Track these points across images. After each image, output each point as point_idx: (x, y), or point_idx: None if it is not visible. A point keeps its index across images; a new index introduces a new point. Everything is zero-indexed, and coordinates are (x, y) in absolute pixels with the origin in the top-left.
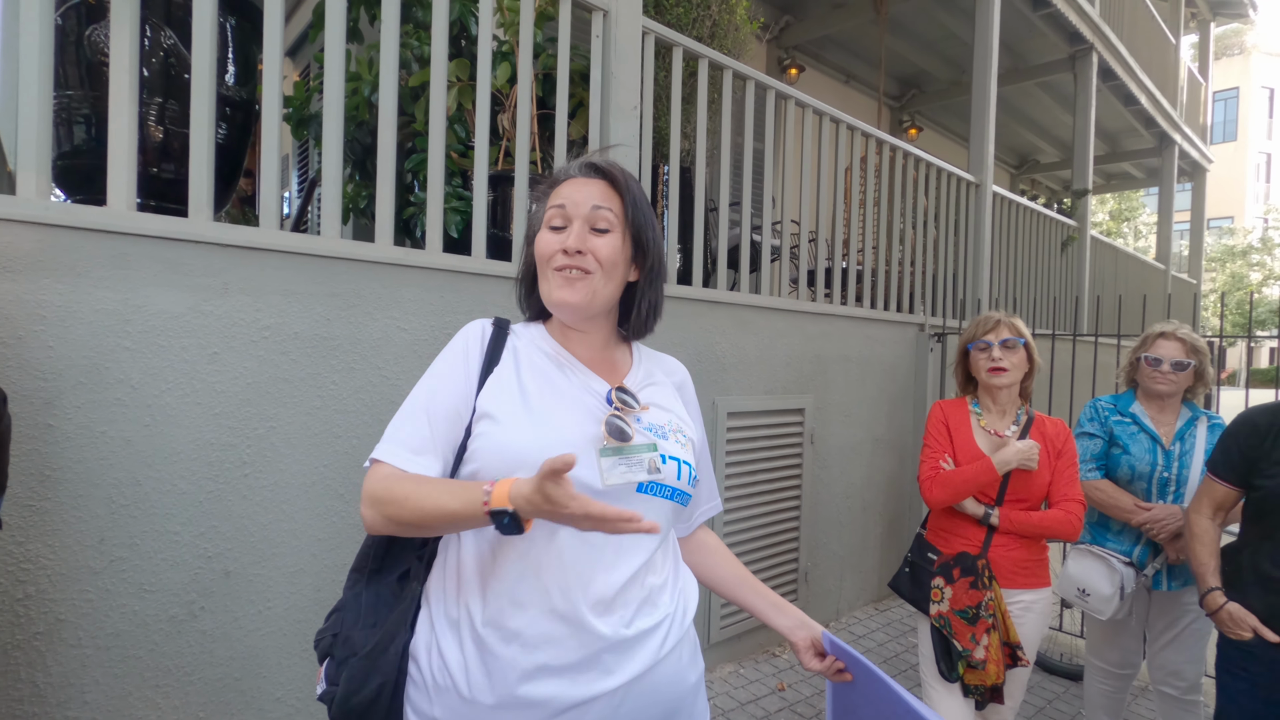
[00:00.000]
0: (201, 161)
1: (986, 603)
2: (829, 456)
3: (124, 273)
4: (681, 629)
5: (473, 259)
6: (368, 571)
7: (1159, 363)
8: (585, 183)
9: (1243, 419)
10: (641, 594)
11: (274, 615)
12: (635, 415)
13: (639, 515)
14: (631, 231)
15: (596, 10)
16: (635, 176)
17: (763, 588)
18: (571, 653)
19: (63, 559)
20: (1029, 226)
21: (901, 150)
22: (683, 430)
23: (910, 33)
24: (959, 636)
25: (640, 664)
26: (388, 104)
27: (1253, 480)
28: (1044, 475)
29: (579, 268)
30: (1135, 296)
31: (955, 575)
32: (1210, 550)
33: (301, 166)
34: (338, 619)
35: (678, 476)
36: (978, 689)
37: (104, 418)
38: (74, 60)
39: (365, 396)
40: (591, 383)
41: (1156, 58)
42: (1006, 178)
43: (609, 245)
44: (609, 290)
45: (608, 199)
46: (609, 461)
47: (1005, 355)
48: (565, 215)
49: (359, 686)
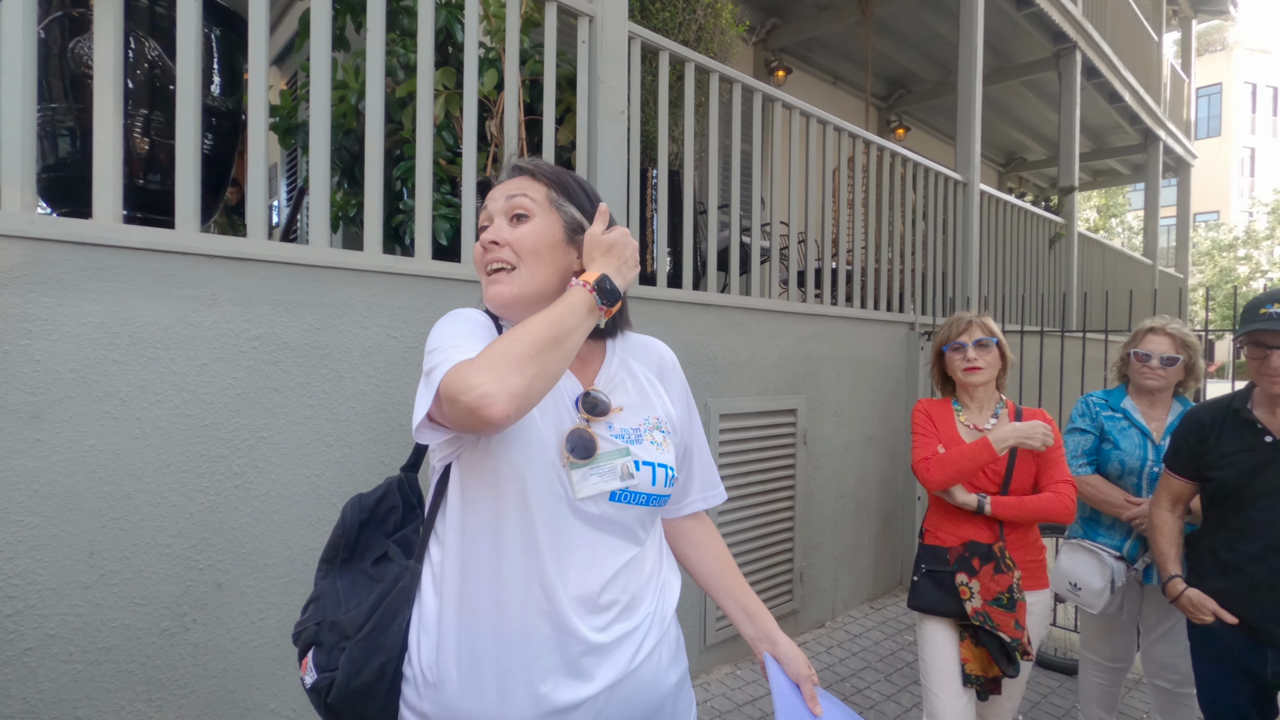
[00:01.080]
0: (188, 173)
1: (1016, 584)
2: (822, 456)
3: (111, 285)
4: (660, 630)
5: (462, 265)
6: (338, 561)
7: (1148, 358)
8: (505, 184)
9: (1189, 416)
10: (620, 598)
11: (267, 626)
12: (606, 422)
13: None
14: (562, 216)
15: (582, 16)
16: (565, 169)
17: (738, 589)
18: (551, 657)
19: (52, 574)
20: (1017, 224)
21: (889, 150)
22: (660, 427)
23: (896, 34)
24: (1003, 628)
25: (618, 668)
26: (375, 112)
27: (1204, 473)
28: (1033, 468)
29: (501, 261)
30: (1123, 292)
31: (975, 565)
32: (1170, 540)
33: (290, 174)
34: (316, 608)
35: (653, 481)
36: (977, 679)
37: (93, 431)
38: (58, 73)
39: (356, 405)
40: (561, 383)
41: (1139, 55)
42: (994, 175)
43: (530, 231)
44: (541, 278)
45: (524, 187)
46: (580, 473)
47: (979, 354)
48: (488, 215)
49: (360, 667)
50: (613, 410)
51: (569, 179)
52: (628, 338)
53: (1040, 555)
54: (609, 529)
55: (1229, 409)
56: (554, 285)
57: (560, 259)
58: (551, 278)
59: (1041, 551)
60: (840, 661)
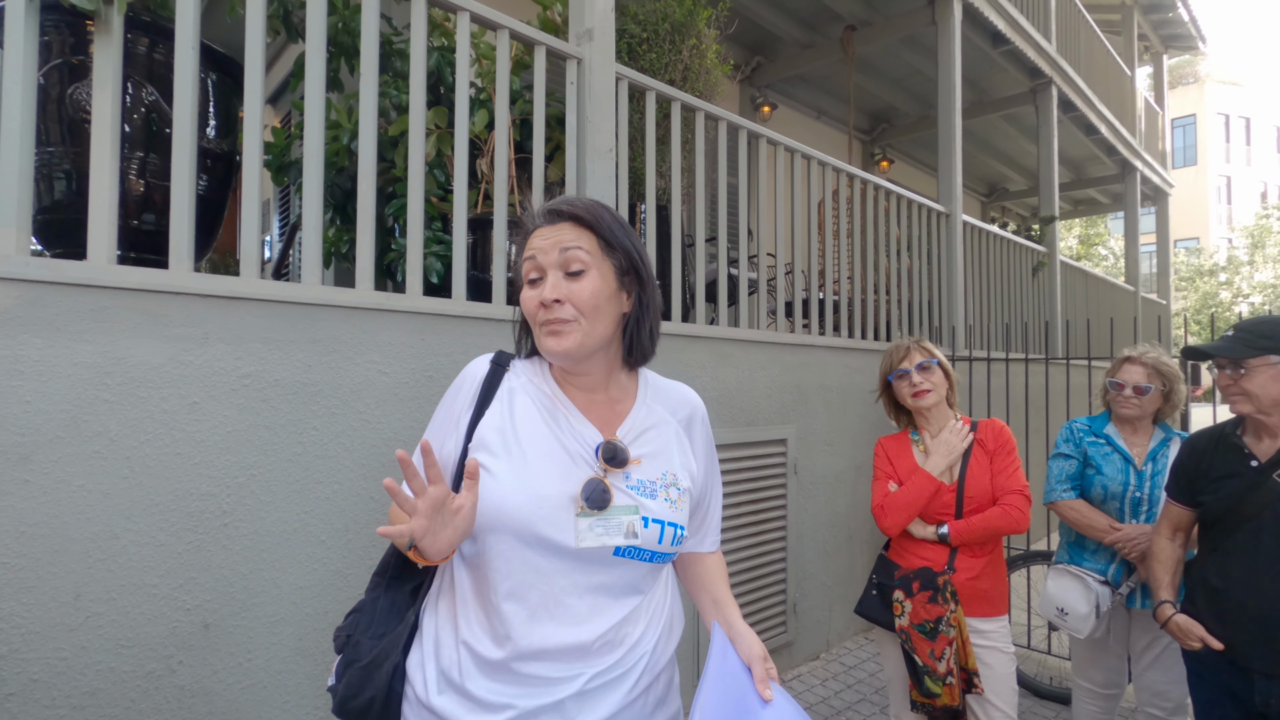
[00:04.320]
0: (182, 214)
1: (948, 618)
2: (813, 486)
3: (104, 325)
4: (653, 674)
5: (453, 301)
6: (388, 578)
7: (1123, 386)
8: (551, 229)
9: (1187, 443)
10: (616, 648)
11: (254, 667)
12: (624, 473)
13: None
14: (613, 261)
15: (570, 58)
16: (607, 205)
17: (714, 585)
18: (539, 698)
19: (37, 616)
20: (1000, 253)
21: (872, 183)
22: (676, 484)
23: (877, 71)
24: (918, 652)
25: (604, 711)
26: (367, 152)
27: (1197, 498)
28: (988, 478)
29: (560, 320)
30: (1106, 319)
31: (915, 589)
32: (1165, 567)
33: (283, 210)
34: (354, 620)
35: (659, 540)
36: (932, 709)
37: (82, 471)
38: (55, 118)
39: (346, 441)
40: (583, 431)
41: (1114, 89)
42: (978, 206)
43: (588, 287)
44: (599, 331)
45: (576, 238)
46: (586, 523)
47: (924, 377)
48: (538, 266)
49: (355, 693)
50: (631, 462)
51: (611, 221)
52: (661, 383)
53: (1002, 584)
54: (610, 579)
55: (1222, 434)
56: (610, 333)
57: (615, 307)
58: (609, 327)
59: (1003, 579)
60: (836, 694)
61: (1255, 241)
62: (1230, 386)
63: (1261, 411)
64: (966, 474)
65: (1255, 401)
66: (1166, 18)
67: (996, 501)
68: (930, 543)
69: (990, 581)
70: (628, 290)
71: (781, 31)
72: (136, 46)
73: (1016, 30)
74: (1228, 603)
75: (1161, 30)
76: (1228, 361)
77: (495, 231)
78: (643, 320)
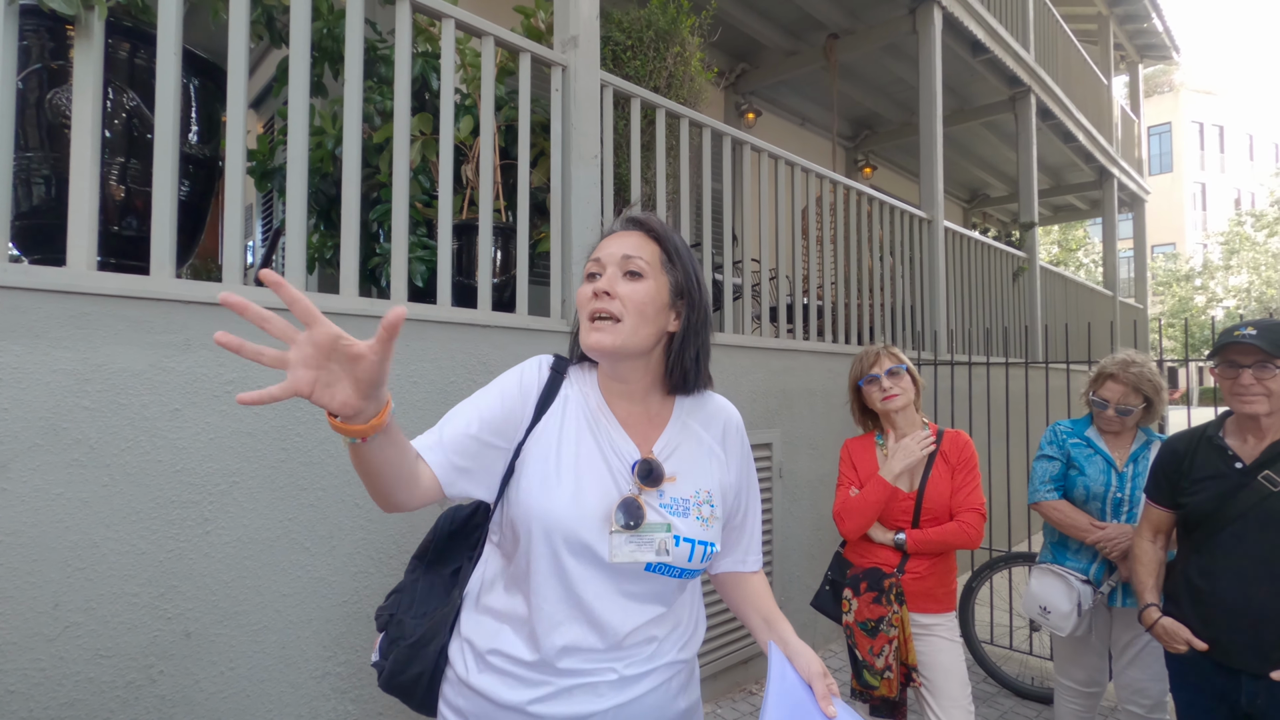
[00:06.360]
0: (164, 220)
1: (890, 618)
2: (799, 490)
3: (84, 332)
4: (672, 669)
5: (438, 307)
6: (427, 561)
7: (1105, 406)
8: (622, 235)
9: (1166, 446)
10: (645, 646)
11: (237, 676)
12: (658, 490)
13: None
14: (670, 278)
15: (556, 65)
16: (672, 230)
17: (762, 601)
18: (572, 681)
19: (14, 627)
20: (981, 259)
21: (855, 190)
22: (710, 501)
23: (860, 78)
24: (859, 647)
25: (632, 693)
26: (352, 158)
27: (1178, 500)
28: (947, 490)
29: (608, 311)
30: (1084, 323)
31: (862, 589)
32: (1148, 570)
33: (265, 215)
34: (396, 600)
35: (689, 558)
36: (870, 698)
37: (60, 479)
38: (34, 122)
39: (330, 447)
40: (623, 446)
41: (1091, 97)
42: (959, 211)
43: (641, 290)
44: (642, 335)
45: (641, 247)
46: (620, 539)
47: (894, 382)
48: (600, 264)
49: (402, 669)
50: (666, 479)
51: (679, 244)
52: (696, 397)
53: (949, 583)
54: (640, 589)
55: (1203, 436)
56: (650, 343)
57: (661, 320)
58: (650, 337)
59: (951, 578)
60: None
61: (1230, 247)
62: (1253, 386)
63: (1273, 412)
64: (927, 484)
65: (1275, 401)
66: (1141, 28)
67: (953, 516)
68: (886, 546)
69: (936, 581)
70: (678, 312)
71: (765, 39)
72: (118, 52)
73: (995, 39)
74: (1214, 604)
75: (1137, 40)
76: (1261, 359)
77: (480, 237)
78: (687, 342)
